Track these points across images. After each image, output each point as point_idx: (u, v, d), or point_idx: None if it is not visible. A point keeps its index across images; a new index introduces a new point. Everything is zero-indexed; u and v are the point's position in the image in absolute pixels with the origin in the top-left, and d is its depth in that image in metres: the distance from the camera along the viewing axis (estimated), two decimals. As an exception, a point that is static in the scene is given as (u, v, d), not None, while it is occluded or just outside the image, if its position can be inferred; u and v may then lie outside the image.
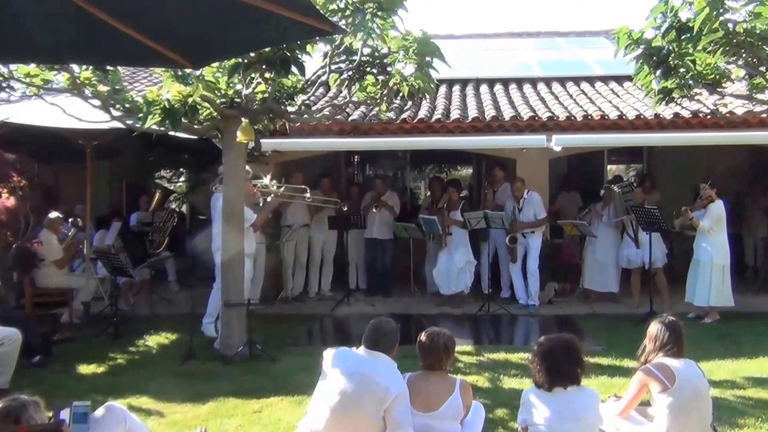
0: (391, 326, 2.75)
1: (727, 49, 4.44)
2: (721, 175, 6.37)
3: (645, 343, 2.92)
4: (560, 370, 2.56)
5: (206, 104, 5.06)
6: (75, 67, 4.86)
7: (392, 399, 2.54)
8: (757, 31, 4.31)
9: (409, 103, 7.29)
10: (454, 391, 2.70)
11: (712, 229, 5.90)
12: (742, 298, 6.69)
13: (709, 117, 6.72)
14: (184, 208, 10.21)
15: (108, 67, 4.91)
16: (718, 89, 5.35)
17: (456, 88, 8.47)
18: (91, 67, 4.93)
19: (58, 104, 5.09)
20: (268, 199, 5.86)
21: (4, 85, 5.13)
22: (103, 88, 5.05)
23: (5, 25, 2.47)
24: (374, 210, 7.34)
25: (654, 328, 2.90)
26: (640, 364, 2.90)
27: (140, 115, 4.74)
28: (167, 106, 4.67)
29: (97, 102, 5.01)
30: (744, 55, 4.61)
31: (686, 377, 2.76)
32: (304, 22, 2.33)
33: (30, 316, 5.57)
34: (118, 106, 5.14)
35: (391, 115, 6.84)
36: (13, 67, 4.91)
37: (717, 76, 5.20)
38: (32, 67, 4.88)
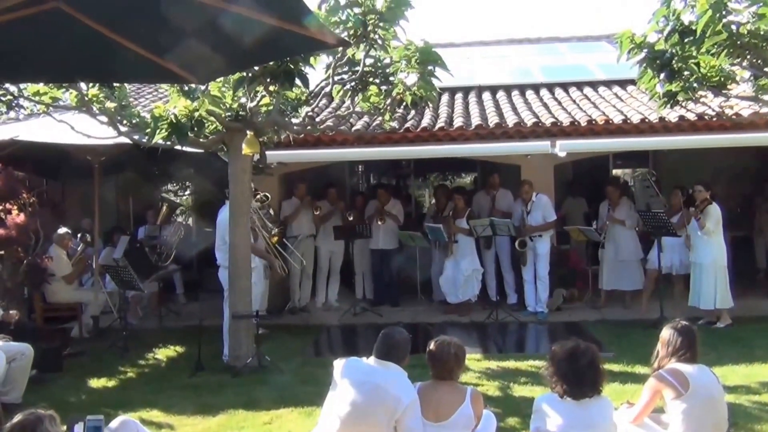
0: (402, 336, 2.74)
1: (731, 51, 4.42)
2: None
3: (657, 349, 2.89)
4: (584, 379, 2.52)
5: (212, 118, 5.10)
6: (83, 85, 4.95)
7: (403, 409, 2.53)
8: (762, 32, 4.30)
9: (412, 112, 7.32)
10: (465, 400, 2.67)
11: (712, 231, 5.87)
12: (754, 302, 6.62)
13: (714, 119, 6.70)
14: (190, 221, 10.25)
15: (115, 84, 4.98)
16: (724, 91, 5.33)
17: (458, 96, 8.48)
18: (98, 85, 5.00)
19: (66, 121, 5.16)
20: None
21: (13, 104, 5.21)
22: (110, 104, 5.13)
23: (16, 45, 2.51)
24: (379, 222, 7.34)
25: (666, 333, 2.87)
26: (653, 370, 2.87)
27: (148, 130, 4.80)
28: (174, 121, 4.72)
29: (104, 118, 5.08)
30: (749, 57, 4.59)
31: (700, 383, 2.73)
32: (307, 36, 2.35)
33: (41, 330, 5.60)
34: (125, 121, 5.20)
35: (395, 124, 6.86)
36: (22, 85, 5.00)
37: (722, 78, 5.18)
38: (41, 86, 4.96)
